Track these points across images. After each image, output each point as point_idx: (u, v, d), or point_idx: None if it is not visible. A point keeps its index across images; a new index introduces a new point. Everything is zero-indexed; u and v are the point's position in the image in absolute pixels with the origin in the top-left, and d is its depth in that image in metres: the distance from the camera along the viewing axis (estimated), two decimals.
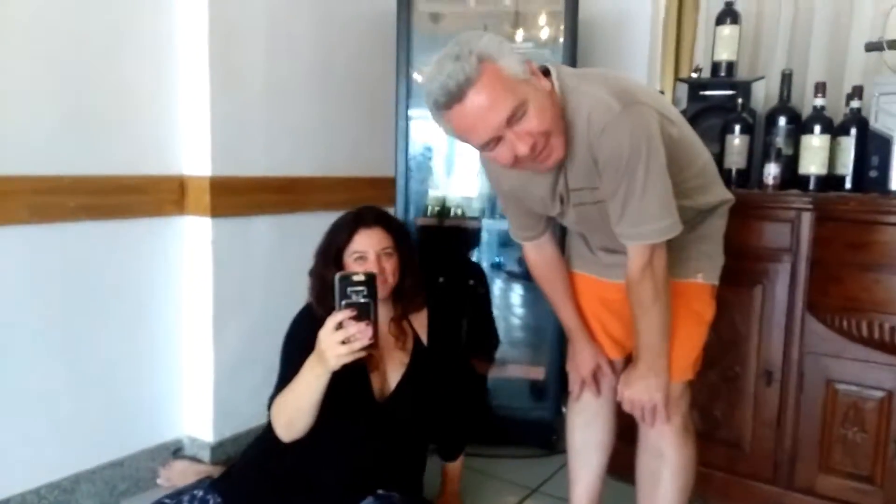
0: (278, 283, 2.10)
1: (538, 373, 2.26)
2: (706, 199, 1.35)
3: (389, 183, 2.27)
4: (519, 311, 2.53)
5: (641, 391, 1.34)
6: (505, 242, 2.38)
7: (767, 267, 1.71)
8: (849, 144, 1.71)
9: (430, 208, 2.33)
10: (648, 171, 1.13)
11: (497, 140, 1.06)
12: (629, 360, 1.40)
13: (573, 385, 1.55)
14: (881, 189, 1.60)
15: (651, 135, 1.13)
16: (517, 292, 2.54)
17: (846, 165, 1.72)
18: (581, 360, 1.51)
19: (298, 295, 1.58)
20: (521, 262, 1.94)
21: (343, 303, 1.12)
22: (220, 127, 1.91)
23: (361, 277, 1.12)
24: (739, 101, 1.86)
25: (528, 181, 1.28)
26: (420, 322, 1.57)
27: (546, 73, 1.16)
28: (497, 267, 2.49)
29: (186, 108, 1.89)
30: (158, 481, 1.83)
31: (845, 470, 1.66)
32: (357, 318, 1.12)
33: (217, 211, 1.91)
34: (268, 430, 1.45)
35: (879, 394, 1.61)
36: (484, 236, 2.39)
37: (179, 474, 1.83)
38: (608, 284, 1.42)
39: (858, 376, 1.63)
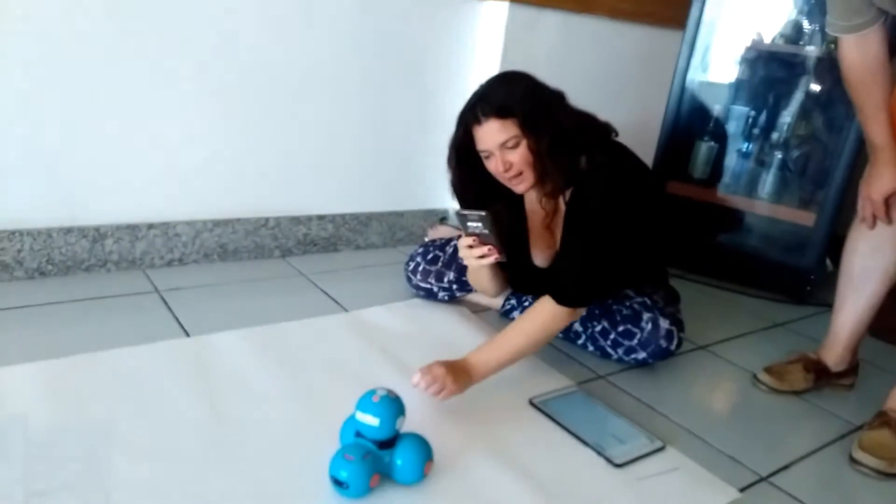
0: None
1: (807, 219, 2.09)
2: None
3: None
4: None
5: None
6: None
7: None
8: None
9: None
10: None
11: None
12: None
13: (863, 208, 1.41)
14: None
15: None
16: None
17: None
18: (877, 184, 1.35)
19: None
20: None
21: (469, 231, 1.29)
22: None
23: (476, 218, 1.24)
24: None
25: None
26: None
27: None
28: None
29: None
30: (426, 239, 2.09)
31: None
32: (482, 244, 1.29)
33: None
34: None
35: None
36: None
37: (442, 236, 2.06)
38: None
39: None
